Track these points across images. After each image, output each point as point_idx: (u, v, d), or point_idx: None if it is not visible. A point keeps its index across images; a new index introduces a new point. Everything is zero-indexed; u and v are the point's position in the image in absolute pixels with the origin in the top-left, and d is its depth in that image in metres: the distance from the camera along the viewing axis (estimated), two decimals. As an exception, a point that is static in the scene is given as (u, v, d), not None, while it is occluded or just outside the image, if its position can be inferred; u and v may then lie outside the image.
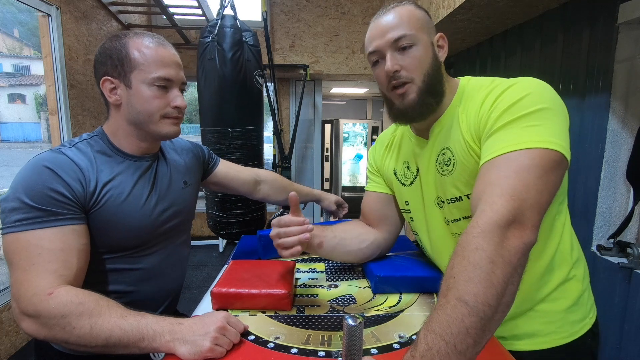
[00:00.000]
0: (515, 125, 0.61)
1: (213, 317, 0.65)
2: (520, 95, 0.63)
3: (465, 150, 0.70)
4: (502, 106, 0.64)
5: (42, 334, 0.64)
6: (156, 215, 0.84)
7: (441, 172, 0.76)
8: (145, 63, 0.77)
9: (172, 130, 0.83)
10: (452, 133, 0.74)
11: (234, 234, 2.37)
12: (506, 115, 0.62)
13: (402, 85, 0.73)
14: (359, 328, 0.49)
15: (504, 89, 0.66)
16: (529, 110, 0.61)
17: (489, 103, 0.67)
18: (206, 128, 2.35)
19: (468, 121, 0.71)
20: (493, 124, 0.64)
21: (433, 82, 0.73)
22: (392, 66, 0.72)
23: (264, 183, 1.19)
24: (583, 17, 1.61)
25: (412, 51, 0.72)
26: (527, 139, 0.58)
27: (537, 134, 0.58)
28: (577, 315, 0.75)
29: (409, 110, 0.75)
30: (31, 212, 0.67)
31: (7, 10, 15.47)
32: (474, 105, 0.71)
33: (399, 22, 0.72)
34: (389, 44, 0.72)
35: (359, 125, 5.59)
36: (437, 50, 0.75)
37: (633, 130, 1.48)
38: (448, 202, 0.76)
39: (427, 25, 0.74)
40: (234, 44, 2.19)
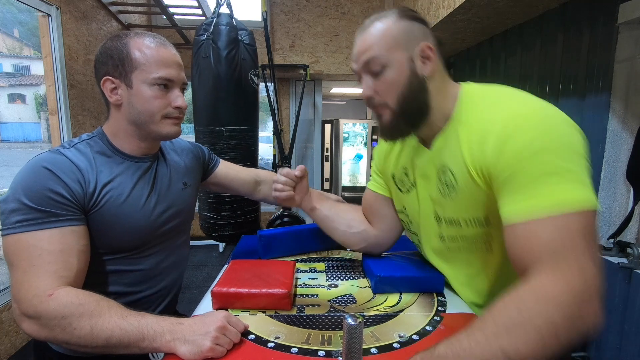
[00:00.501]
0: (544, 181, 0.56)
1: (213, 316, 0.65)
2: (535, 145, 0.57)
3: (467, 179, 0.68)
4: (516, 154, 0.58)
5: (43, 335, 0.64)
6: (156, 216, 0.84)
7: (442, 192, 0.74)
8: (147, 63, 0.76)
9: (173, 130, 0.83)
10: (454, 153, 0.70)
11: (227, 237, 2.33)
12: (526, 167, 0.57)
13: (377, 106, 0.74)
14: (359, 328, 0.50)
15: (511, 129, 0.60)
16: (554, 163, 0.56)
17: (495, 142, 0.61)
18: (200, 127, 2.33)
19: (471, 150, 0.66)
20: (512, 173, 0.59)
21: (409, 104, 0.70)
22: (364, 92, 0.72)
23: (264, 183, 1.19)
24: (583, 17, 1.61)
25: (383, 74, 0.69)
26: (566, 197, 0.55)
27: (573, 191, 0.55)
28: None
29: (383, 130, 0.76)
30: (31, 213, 0.67)
31: (7, 10, 15.47)
32: (476, 132, 0.66)
33: (370, 43, 0.70)
34: (361, 67, 0.72)
35: (359, 125, 5.59)
36: (420, 65, 0.70)
37: (633, 130, 1.48)
38: (447, 222, 0.76)
39: (406, 39, 0.69)
40: (229, 42, 2.18)
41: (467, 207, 0.70)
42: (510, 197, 0.59)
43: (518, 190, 0.58)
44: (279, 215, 3.36)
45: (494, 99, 0.68)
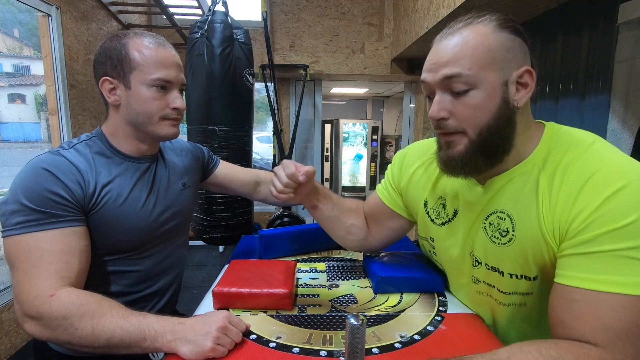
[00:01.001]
0: (626, 256, 0.50)
1: (215, 316, 0.65)
2: (632, 217, 0.50)
3: (534, 234, 0.59)
4: (608, 223, 0.51)
5: (45, 335, 0.64)
6: (154, 217, 0.84)
7: (489, 236, 0.66)
8: (145, 64, 0.76)
9: (171, 131, 0.83)
10: (524, 201, 0.61)
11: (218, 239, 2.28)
12: (611, 240, 0.50)
13: (451, 133, 0.61)
14: (362, 328, 0.49)
15: (611, 192, 0.52)
16: (637, 242, 0.49)
17: (589, 205, 0.53)
18: (192, 126, 2.31)
19: (553, 206, 0.57)
20: (592, 239, 0.52)
21: (494, 137, 0.58)
22: (437, 112, 0.59)
23: (264, 184, 1.18)
24: (583, 17, 1.61)
25: (469, 96, 0.57)
26: None
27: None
28: None
29: (451, 163, 0.62)
30: (31, 214, 0.67)
31: (7, 10, 15.46)
32: (567, 188, 0.56)
33: (458, 54, 0.56)
34: (439, 82, 0.59)
35: (359, 125, 5.59)
36: (514, 92, 0.58)
37: (633, 130, 1.48)
38: (489, 268, 0.68)
39: (503, 58, 0.56)
40: (223, 40, 2.15)
41: (518, 263, 0.63)
42: (582, 261, 0.53)
43: (596, 257, 0.52)
44: (279, 215, 3.36)
45: (592, 150, 0.57)
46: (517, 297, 0.67)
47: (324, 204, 0.88)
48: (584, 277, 0.52)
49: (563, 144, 0.60)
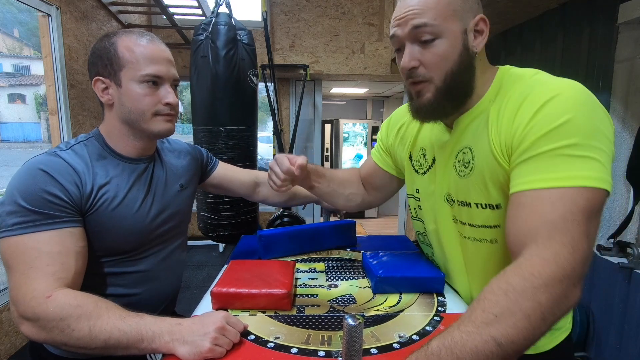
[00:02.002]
0: (560, 154, 0.54)
1: (212, 317, 0.65)
2: (563, 118, 0.55)
3: (488, 158, 0.64)
4: (542, 128, 0.56)
5: (42, 337, 0.64)
6: (151, 218, 0.84)
7: (458, 172, 0.72)
8: (134, 60, 0.76)
9: (165, 127, 0.82)
10: (479, 132, 0.67)
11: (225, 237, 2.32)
12: (547, 140, 0.55)
13: (419, 82, 0.66)
14: (359, 328, 0.49)
15: (541, 102, 0.57)
16: (575, 139, 0.54)
17: (524, 118, 0.59)
18: (198, 127, 2.33)
19: (499, 129, 0.63)
20: (530, 146, 0.57)
21: (457, 82, 0.65)
22: (408, 62, 0.65)
23: (263, 185, 1.18)
24: (583, 17, 1.61)
25: (435, 45, 0.62)
26: (576, 173, 0.53)
27: (586, 168, 0.53)
28: (559, 323, 0.76)
29: (422, 110, 0.69)
30: (28, 215, 0.67)
31: (7, 10, 15.47)
32: (508, 110, 0.62)
33: (424, 7, 0.62)
34: (408, 33, 0.64)
35: (359, 125, 5.59)
36: (472, 39, 0.64)
37: (633, 130, 1.48)
38: (458, 203, 0.73)
39: (462, 9, 0.62)
40: (228, 41, 2.17)
41: (480, 190, 0.68)
42: (524, 167, 0.58)
43: (535, 160, 0.56)
44: (279, 215, 3.36)
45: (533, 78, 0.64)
46: (488, 232, 0.70)
47: (320, 182, 0.97)
48: (526, 180, 0.56)
49: (512, 79, 0.66)
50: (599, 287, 1.57)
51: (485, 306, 0.51)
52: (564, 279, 0.50)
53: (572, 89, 0.58)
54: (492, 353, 0.48)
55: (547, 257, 0.51)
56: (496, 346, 0.48)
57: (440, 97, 0.66)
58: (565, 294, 0.50)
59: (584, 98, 0.57)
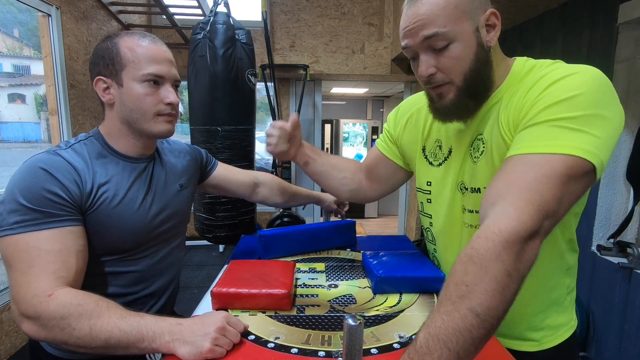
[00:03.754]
0: (557, 125, 0.54)
1: (213, 317, 0.65)
2: (571, 93, 0.55)
3: (497, 141, 0.64)
4: (548, 100, 0.56)
5: (42, 335, 0.64)
6: (151, 217, 0.84)
7: (472, 158, 0.71)
8: (136, 60, 0.76)
9: (165, 128, 0.82)
10: (491, 117, 0.68)
11: (222, 238, 2.31)
12: (551, 111, 0.55)
13: (440, 86, 0.67)
14: (359, 328, 0.49)
15: (555, 79, 0.57)
16: (577, 113, 0.53)
17: (535, 93, 0.59)
18: (195, 127, 2.32)
19: (509, 110, 0.63)
20: (533, 116, 0.57)
21: (476, 79, 0.65)
22: (426, 70, 0.65)
23: (263, 185, 1.18)
24: (583, 17, 1.61)
25: (449, 50, 0.63)
26: (565, 142, 0.53)
27: (577, 140, 0.52)
28: (563, 320, 0.76)
29: (445, 110, 0.69)
30: (28, 214, 0.67)
31: (7, 10, 15.47)
32: (520, 91, 0.63)
33: (432, 15, 0.61)
34: (420, 43, 0.64)
35: (359, 125, 5.59)
36: (485, 35, 0.64)
37: (633, 130, 1.48)
38: (470, 190, 0.72)
39: (470, 8, 0.62)
40: (226, 41, 2.16)
41: (490, 171, 0.66)
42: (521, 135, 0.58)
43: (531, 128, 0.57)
44: (279, 215, 3.36)
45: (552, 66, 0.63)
46: None
47: (314, 159, 0.99)
48: (521, 145, 0.56)
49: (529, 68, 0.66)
50: (599, 287, 1.57)
51: (457, 278, 0.51)
52: (525, 233, 0.49)
53: (592, 70, 0.57)
54: (473, 326, 0.46)
55: (510, 213, 0.51)
56: (475, 317, 0.47)
57: (462, 96, 0.66)
58: (525, 248, 0.50)
59: (600, 80, 0.56)
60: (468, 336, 0.46)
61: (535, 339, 0.74)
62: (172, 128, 0.84)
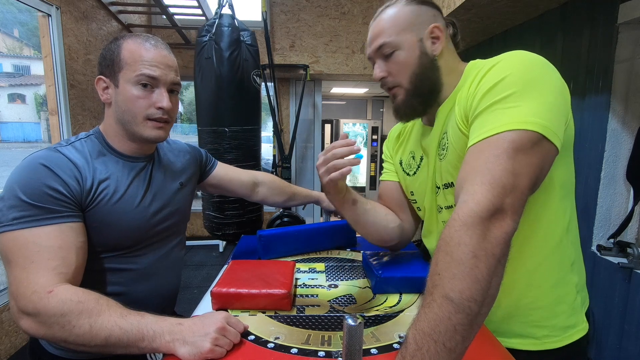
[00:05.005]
0: (495, 109, 0.59)
1: (213, 317, 0.65)
2: (500, 76, 0.60)
3: (457, 133, 0.69)
4: (484, 88, 0.62)
5: (41, 332, 0.63)
6: (150, 215, 0.84)
7: (440, 157, 0.76)
8: (132, 62, 0.77)
9: (154, 134, 0.80)
10: (451, 116, 0.73)
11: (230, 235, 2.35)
12: (487, 98, 0.61)
13: (392, 88, 0.78)
14: (359, 328, 0.49)
15: (487, 68, 0.64)
16: (508, 92, 0.58)
17: (475, 84, 0.66)
18: (203, 128, 2.35)
19: (460, 104, 0.69)
20: (476, 107, 0.62)
21: (422, 82, 0.75)
22: (378, 74, 0.77)
23: (262, 185, 1.19)
24: (583, 17, 1.61)
25: (394, 57, 0.74)
26: (505, 120, 0.56)
27: (514, 115, 0.56)
28: (571, 321, 0.73)
29: (398, 109, 0.79)
30: (29, 209, 0.67)
31: (7, 10, 15.48)
32: (466, 87, 0.69)
33: (381, 29, 0.75)
34: (374, 52, 0.77)
35: (359, 125, 5.59)
36: (430, 45, 0.74)
37: (633, 130, 1.48)
38: (443, 187, 0.76)
39: (414, 23, 0.73)
40: (231, 43, 2.19)
41: (457, 164, 0.69)
42: (472, 127, 0.62)
43: (477, 118, 0.61)
44: (279, 215, 3.36)
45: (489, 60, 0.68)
46: None
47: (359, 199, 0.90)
48: (471, 137, 0.61)
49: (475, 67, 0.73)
50: (599, 287, 1.57)
51: (431, 270, 0.52)
52: (482, 212, 0.51)
53: (517, 53, 0.64)
54: (451, 312, 0.47)
55: (466, 198, 0.54)
56: (450, 303, 0.48)
57: (409, 97, 0.76)
58: (488, 226, 0.51)
59: (523, 58, 0.63)
60: (449, 324, 0.47)
61: (536, 336, 0.72)
62: (163, 134, 0.82)
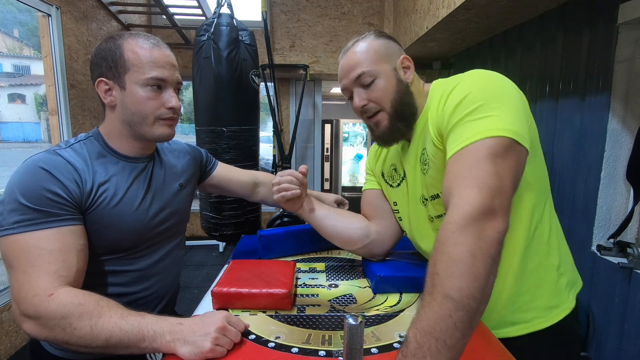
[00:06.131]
0: (465, 121, 0.65)
1: (213, 317, 0.65)
2: (464, 93, 0.67)
3: (434, 148, 0.74)
4: (451, 105, 0.68)
5: (44, 335, 0.64)
6: (150, 216, 0.84)
7: (423, 172, 0.80)
8: (139, 64, 0.76)
9: (166, 132, 0.82)
10: (426, 133, 0.78)
11: (228, 236, 2.33)
12: (456, 114, 0.66)
13: (374, 114, 0.81)
14: (360, 327, 0.50)
15: (451, 88, 0.71)
16: (474, 106, 0.64)
17: (442, 103, 0.72)
18: (201, 127, 2.33)
19: (432, 121, 0.75)
20: (447, 123, 0.68)
21: (402, 106, 0.79)
22: (359, 102, 0.80)
23: (262, 185, 1.19)
24: (583, 17, 1.61)
25: (374, 85, 0.78)
26: (478, 130, 0.62)
27: (485, 125, 0.62)
28: (554, 302, 0.77)
29: (383, 136, 0.83)
30: (29, 213, 0.67)
31: (7, 10, 15.48)
32: (433, 106, 0.76)
33: (358, 59, 0.79)
34: (353, 82, 0.80)
35: (359, 125, 5.59)
36: (403, 73, 0.81)
37: (633, 130, 1.48)
38: (431, 198, 0.80)
39: (387, 54, 0.80)
40: (230, 42, 2.18)
41: (440, 177, 0.73)
42: (447, 142, 0.67)
43: (451, 133, 0.66)
44: (279, 215, 3.36)
45: (453, 77, 0.76)
46: None
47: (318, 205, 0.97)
48: (449, 149, 0.65)
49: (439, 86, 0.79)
50: (599, 287, 1.57)
51: (430, 271, 0.54)
52: (476, 214, 0.54)
53: (471, 74, 0.72)
54: (451, 310, 0.49)
55: (457, 202, 0.57)
56: (451, 301, 0.49)
57: (394, 121, 0.80)
58: (482, 227, 0.54)
59: (479, 77, 0.70)
60: (450, 321, 0.49)
61: (526, 319, 0.76)
62: (173, 132, 0.84)
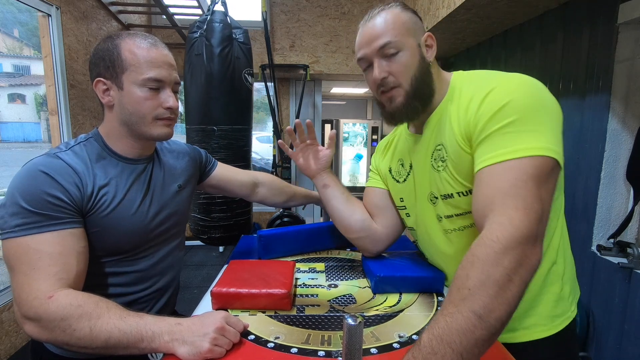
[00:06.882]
0: (507, 131, 0.62)
1: (212, 317, 0.65)
2: (504, 100, 0.63)
3: (456, 148, 0.71)
4: (489, 111, 0.65)
5: (44, 336, 0.64)
6: (150, 218, 0.84)
7: (436, 168, 0.77)
8: (136, 64, 0.76)
9: (164, 132, 0.82)
10: (446, 129, 0.75)
11: (216, 239, 2.28)
12: (494, 121, 0.64)
13: (390, 89, 0.76)
14: (359, 328, 0.49)
15: (486, 91, 0.67)
16: (515, 116, 0.62)
17: (475, 105, 0.68)
18: (191, 126, 2.30)
19: (459, 120, 0.72)
20: (482, 129, 0.65)
21: (421, 85, 0.75)
22: (379, 74, 0.75)
23: (262, 185, 1.18)
24: (583, 17, 1.61)
25: (398, 57, 0.74)
26: (520, 146, 0.60)
27: (532, 140, 0.60)
28: (558, 310, 0.76)
29: (396, 112, 0.78)
30: (30, 217, 0.67)
31: (7, 10, 15.49)
32: (463, 104, 0.72)
33: (384, 28, 0.74)
34: (375, 51, 0.75)
35: (359, 125, 5.58)
36: (425, 51, 0.77)
37: (633, 130, 1.48)
38: (442, 197, 0.77)
39: (413, 28, 0.75)
40: (222, 39, 2.14)
41: (457, 179, 0.72)
42: (480, 148, 0.65)
43: (486, 140, 0.64)
44: (279, 215, 3.36)
45: (483, 76, 0.74)
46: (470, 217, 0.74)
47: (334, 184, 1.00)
48: (482, 159, 0.63)
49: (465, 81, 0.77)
50: (599, 287, 1.57)
51: (459, 283, 0.53)
52: (522, 238, 0.53)
53: (509, 80, 0.67)
54: (475, 327, 0.49)
55: (503, 221, 0.55)
56: (477, 319, 0.49)
57: (410, 98, 0.76)
58: (525, 253, 0.53)
59: (520, 83, 0.66)
60: (471, 337, 0.49)
61: (525, 326, 0.75)
62: (171, 131, 0.84)
